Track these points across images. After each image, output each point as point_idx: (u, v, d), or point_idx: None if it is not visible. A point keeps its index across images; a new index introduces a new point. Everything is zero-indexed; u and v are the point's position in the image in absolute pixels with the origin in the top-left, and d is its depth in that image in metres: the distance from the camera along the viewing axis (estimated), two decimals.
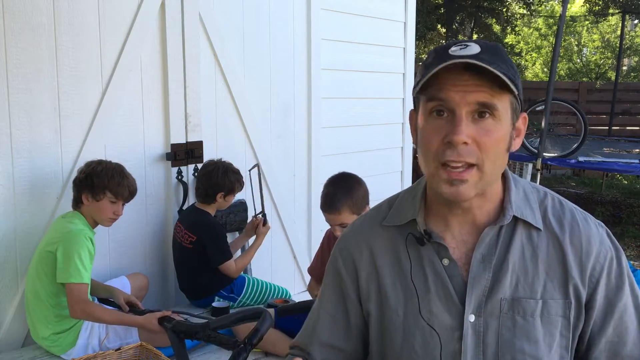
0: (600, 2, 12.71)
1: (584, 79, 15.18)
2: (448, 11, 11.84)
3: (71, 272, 2.29)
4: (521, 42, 17.30)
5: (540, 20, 17.08)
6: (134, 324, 2.40)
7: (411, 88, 3.26)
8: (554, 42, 9.49)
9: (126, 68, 2.82)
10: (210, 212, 2.97)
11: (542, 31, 17.50)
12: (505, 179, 1.10)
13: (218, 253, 2.88)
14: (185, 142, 3.09)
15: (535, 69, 17.92)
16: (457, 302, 1.05)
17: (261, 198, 3.05)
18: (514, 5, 13.19)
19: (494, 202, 1.07)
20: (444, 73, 0.96)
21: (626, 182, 10.03)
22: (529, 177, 6.29)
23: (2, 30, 2.43)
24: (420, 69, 1.06)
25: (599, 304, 1.05)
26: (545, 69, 17.11)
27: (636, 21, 16.91)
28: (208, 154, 3.18)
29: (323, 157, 3.89)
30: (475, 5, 11.90)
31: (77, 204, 2.48)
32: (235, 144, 3.38)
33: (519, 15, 13.94)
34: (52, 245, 2.35)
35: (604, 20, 15.38)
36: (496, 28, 13.38)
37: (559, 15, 9.58)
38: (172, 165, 3.05)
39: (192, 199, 3.14)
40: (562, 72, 16.42)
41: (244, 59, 3.39)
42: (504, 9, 12.63)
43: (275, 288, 3.13)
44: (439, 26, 12.57)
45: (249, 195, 3.22)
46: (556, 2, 16.68)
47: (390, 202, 1.19)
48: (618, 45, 11.03)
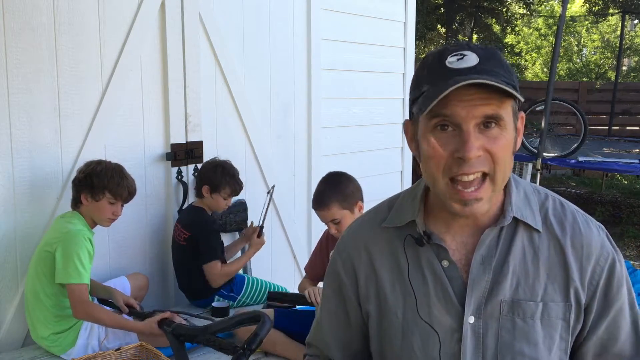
0: (600, 2, 12.70)
1: (584, 79, 15.18)
2: (448, 11, 11.83)
3: (70, 272, 2.29)
4: (521, 42, 17.29)
5: (540, 20, 17.08)
6: (134, 329, 2.39)
7: None
8: (554, 42, 9.49)
9: (126, 68, 2.82)
10: (205, 208, 2.96)
11: (542, 31, 17.49)
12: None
13: (205, 250, 2.87)
14: (185, 142, 3.09)
15: (535, 69, 17.91)
16: (457, 304, 1.04)
17: (265, 213, 3.03)
18: (514, 5, 13.18)
19: (495, 204, 1.07)
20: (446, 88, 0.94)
21: (626, 182, 10.03)
22: (529, 177, 6.29)
23: (2, 30, 2.43)
24: (415, 82, 1.03)
25: (597, 306, 1.05)
26: (545, 69, 17.11)
27: (636, 21, 16.90)
28: (208, 154, 3.18)
29: (323, 157, 3.88)
30: (475, 5, 11.89)
31: (76, 204, 2.48)
32: (235, 144, 3.38)
33: (519, 15, 13.94)
34: (51, 245, 2.34)
35: (604, 20, 15.38)
36: (496, 28, 13.37)
37: (559, 15, 9.58)
38: (172, 165, 3.05)
39: (192, 199, 3.14)
40: (562, 72, 16.41)
41: (244, 59, 3.38)
42: (504, 9, 12.62)
43: (276, 287, 3.13)
44: (439, 26, 12.56)
45: (249, 197, 3.22)
46: (556, 2, 16.67)
47: (390, 204, 1.18)
48: (618, 45, 11.03)
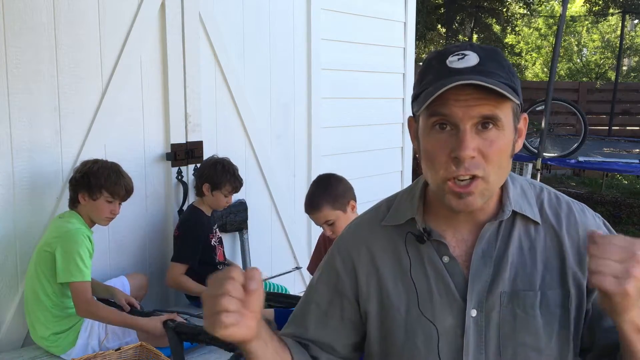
0: (600, 2, 12.70)
1: (584, 79, 15.18)
2: (448, 11, 11.84)
3: (72, 271, 2.29)
4: (521, 42, 17.29)
5: (540, 20, 17.08)
6: (139, 327, 2.37)
7: (411, 88, 3.25)
8: (554, 42, 9.49)
9: (126, 68, 2.83)
10: (203, 209, 2.94)
11: (542, 31, 17.50)
12: None
13: (177, 248, 2.86)
14: (185, 142, 3.09)
15: (535, 69, 17.91)
16: (459, 298, 1.06)
17: None
18: (514, 5, 13.19)
19: (493, 200, 1.09)
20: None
21: (626, 182, 10.03)
22: (529, 177, 6.27)
23: (2, 30, 2.43)
24: (417, 80, 1.05)
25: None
26: (545, 69, 17.11)
27: (636, 21, 16.90)
28: (208, 154, 3.18)
29: (323, 157, 3.88)
30: (475, 5, 11.89)
31: (73, 203, 2.48)
32: (235, 144, 3.38)
33: (519, 15, 13.94)
34: (50, 245, 2.34)
35: (604, 20, 15.38)
36: (496, 28, 13.37)
37: (559, 15, 9.59)
38: (172, 165, 3.05)
39: (192, 199, 3.14)
40: (562, 72, 16.42)
41: (244, 59, 3.39)
42: (504, 9, 12.63)
43: (276, 286, 3.13)
44: (439, 26, 12.57)
45: (249, 197, 3.21)
46: (556, 2, 16.67)
47: (389, 203, 1.19)
48: (618, 45, 11.03)
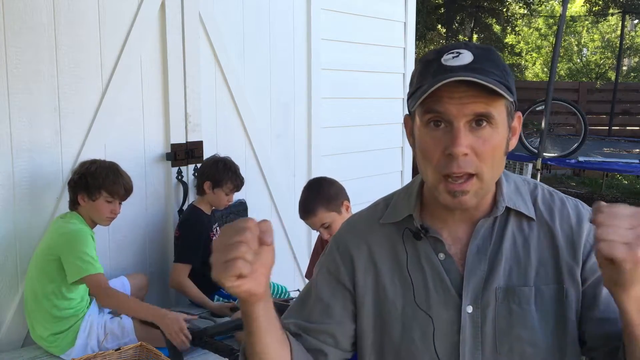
0: (600, 2, 12.71)
1: (584, 79, 15.18)
2: (448, 11, 11.85)
3: (83, 266, 2.30)
4: (521, 42, 17.29)
5: (540, 20, 17.08)
6: (159, 317, 2.27)
7: None
8: (554, 42, 9.49)
9: (126, 68, 2.83)
10: (202, 208, 2.94)
11: (542, 31, 17.50)
12: None
13: (178, 249, 2.85)
14: (185, 142, 3.09)
15: (535, 69, 17.92)
16: (455, 295, 1.07)
17: None
18: (514, 5, 13.19)
19: (488, 198, 1.10)
20: (440, 85, 0.97)
21: (626, 182, 10.03)
22: (529, 177, 6.27)
23: (2, 30, 2.43)
24: (413, 76, 1.07)
25: (589, 273, 1.05)
26: (545, 69, 17.12)
27: (636, 21, 16.90)
28: (208, 154, 3.18)
29: (323, 157, 3.89)
30: (475, 5, 11.90)
31: (73, 205, 2.48)
32: (235, 144, 3.38)
33: (519, 15, 13.95)
34: (53, 248, 2.34)
35: (604, 20, 15.38)
36: (496, 28, 13.38)
37: (559, 15, 9.59)
38: (172, 165, 3.05)
39: (192, 199, 3.14)
40: (562, 72, 16.42)
41: (244, 59, 3.39)
42: (504, 9, 12.63)
43: (275, 286, 3.13)
44: (439, 26, 12.57)
45: (249, 197, 3.21)
46: (556, 2, 16.68)
47: (387, 201, 1.21)
48: (618, 45, 11.03)
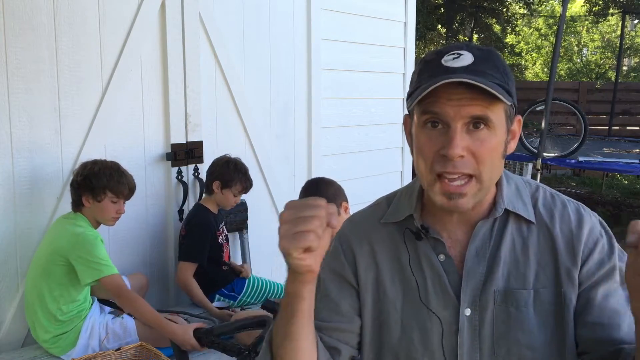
0: (600, 2, 12.71)
1: (584, 79, 15.19)
2: (448, 11, 11.85)
3: (98, 268, 2.30)
4: (521, 42, 17.30)
5: (540, 20, 17.09)
6: (170, 331, 2.26)
7: None
8: (554, 42, 9.49)
9: (126, 68, 2.83)
10: (209, 207, 2.94)
11: (542, 31, 17.51)
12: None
13: (185, 247, 2.85)
14: (185, 142, 3.09)
15: (535, 69, 17.92)
16: (453, 297, 1.07)
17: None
18: (514, 5, 13.19)
19: (488, 200, 1.09)
20: (438, 86, 0.97)
21: (626, 182, 10.03)
22: (529, 177, 6.28)
23: (2, 30, 2.43)
24: (413, 75, 1.06)
25: (585, 277, 1.05)
26: (545, 69, 17.12)
27: (636, 21, 16.90)
28: (208, 154, 3.18)
29: (323, 157, 3.89)
30: (475, 5, 11.90)
31: (77, 206, 2.46)
32: (235, 144, 3.38)
33: (519, 15, 13.95)
34: (62, 251, 2.33)
35: (604, 20, 15.38)
36: (496, 28, 13.37)
37: (559, 15, 9.59)
38: (172, 165, 3.05)
39: (192, 199, 3.14)
40: (562, 72, 16.42)
41: (244, 59, 3.39)
42: (504, 9, 12.63)
43: (276, 285, 3.13)
44: (439, 26, 12.57)
45: (250, 197, 3.21)
46: (556, 2, 16.68)
47: (389, 200, 1.21)
48: (618, 45, 11.03)
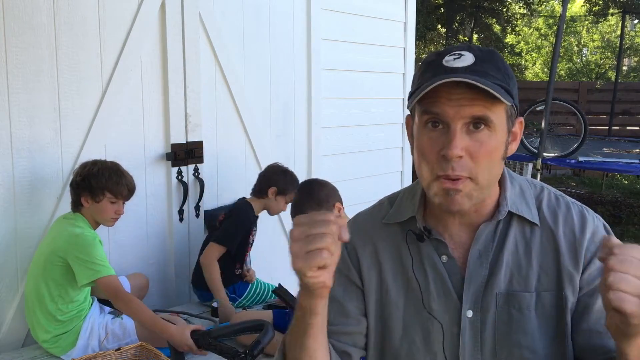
0: (600, 2, 12.71)
1: (584, 79, 15.19)
2: (448, 11, 11.85)
3: (95, 268, 2.30)
4: (521, 42, 17.30)
5: (540, 20, 17.10)
6: (167, 333, 2.22)
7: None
8: (554, 42, 9.49)
9: (126, 68, 2.82)
10: (254, 205, 3.00)
11: (542, 31, 17.52)
12: (501, 177, 1.10)
13: (221, 230, 2.87)
14: (185, 142, 3.09)
15: (535, 69, 17.93)
16: (455, 298, 1.07)
17: None
18: (514, 5, 13.19)
19: (491, 202, 1.08)
20: (438, 86, 0.96)
21: (626, 182, 10.03)
22: (528, 177, 6.28)
23: (2, 30, 2.43)
24: (415, 76, 1.06)
25: (586, 283, 1.04)
26: (545, 69, 17.12)
27: (636, 21, 16.91)
28: (208, 154, 3.19)
29: (323, 157, 3.88)
30: (475, 5, 11.90)
31: (76, 206, 2.46)
32: (235, 144, 3.38)
33: (519, 15, 13.95)
34: (61, 252, 2.33)
35: (604, 20, 15.39)
36: (496, 28, 13.38)
37: (559, 15, 9.59)
38: (172, 165, 3.05)
39: (192, 199, 3.14)
40: (562, 72, 16.43)
41: (244, 59, 3.39)
42: (504, 9, 12.64)
43: (271, 288, 3.12)
44: (439, 26, 12.57)
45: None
46: (556, 2, 16.68)
47: (391, 200, 1.20)
48: (618, 45, 11.03)
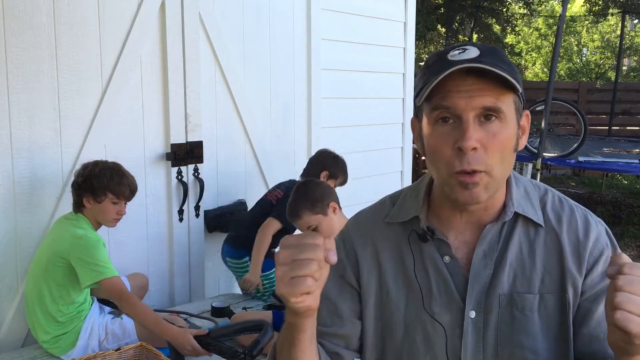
0: (600, 2, 12.71)
1: (584, 79, 15.19)
2: (448, 11, 11.85)
3: (99, 270, 2.29)
4: (521, 42, 17.30)
5: (540, 20, 17.09)
6: (170, 335, 2.23)
7: (411, 88, 3.22)
8: (554, 42, 9.49)
9: (126, 68, 2.83)
10: None
11: (542, 31, 17.51)
12: (507, 177, 1.10)
13: (280, 207, 2.84)
14: (185, 142, 3.09)
15: (535, 69, 17.93)
16: (458, 299, 1.06)
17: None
18: (514, 5, 13.19)
19: (498, 202, 1.08)
20: (446, 80, 0.95)
21: (626, 182, 10.03)
22: (528, 176, 6.25)
23: (2, 30, 2.43)
24: (419, 76, 1.05)
25: (588, 287, 1.04)
26: (545, 69, 17.12)
27: (636, 21, 16.91)
28: (208, 154, 3.19)
29: None
30: (475, 5, 11.90)
31: (78, 207, 2.46)
32: (235, 144, 3.38)
33: (519, 15, 13.95)
34: (63, 253, 2.33)
35: (604, 20, 15.39)
36: (496, 28, 13.38)
37: (559, 15, 9.59)
38: (172, 165, 3.05)
39: (192, 199, 3.14)
40: (562, 72, 16.43)
41: (244, 59, 3.39)
42: (504, 9, 12.64)
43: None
44: (439, 26, 12.57)
45: (249, 197, 3.21)
46: (556, 2, 16.68)
47: (393, 199, 1.19)
48: (618, 45, 11.03)
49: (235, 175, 3.42)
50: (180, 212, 3.10)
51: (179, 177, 3.09)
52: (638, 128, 10.57)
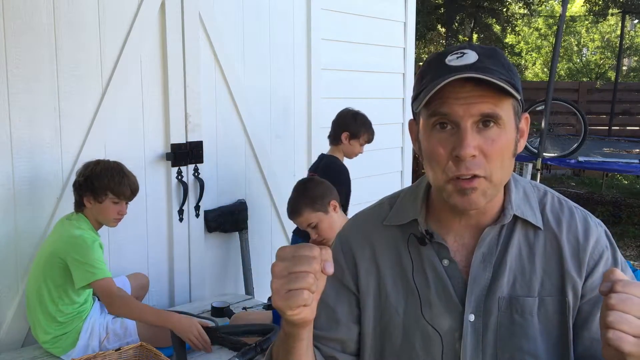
0: (600, 2, 12.71)
1: (584, 79, 15.20)
2: (448, 11, 11.85)
3: (91, 271, 2.29)
4: (521, 42, 17.31)
5: (540, 20, 17.10)
6: (172, 323, 2.21)
7: (411, 88, 3.22)
8: (554, 42, 9.49)
9: (126, 68, 2.83)
10: (337, 155, 3.10)
11: (542, 31, 17.52)
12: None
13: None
14: (185, 142, 3.09)
15: (535, 69, 17.94)
16: (457, 302, 1.05)
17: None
18: (514, 5, 13.19)
19: (497, 205, 1.07)
20: (444, 86, 0.95)
21: (626, 182, 10.04)
22: (528, 177, 6.30)
23: (2, 30, 2.43)
24: (416, 80, 1.04)
25: (588, 290, 1.04)
26: (545, 69, 17.13)
27: (636, 21, 16.91)
28: (208, 154, 3.19)
29: None
30: (475, 5, 11.90)
31: (79, 207, 2.46)
32: (235, 144, 3.38)
33: (519, 15, 13.95)
34: (60, 253, 2.33)
35: (604, 20, 15.39)
36: (496, 28, 13.38)
37: (559, 15, 9.59)
38: (172, 165, 3.05)
39: (192, 199, 3.14)
40: (562, 72, 16.43)
41: (244, 59, 3.39)
42: (504, 9, 12.63)
43: None
44: (439, 26, 12.57)
45: (249, 197, 3.21)
46: (556, 2, 16.68)
47: (392, 201, 1.18)
48: (618, 45, 11.03)
49: (235, 175, 3.42)
50: (180, 212, 3.10)
51: (179, 177, 3.09)
52: (638, 128, 10.57)
